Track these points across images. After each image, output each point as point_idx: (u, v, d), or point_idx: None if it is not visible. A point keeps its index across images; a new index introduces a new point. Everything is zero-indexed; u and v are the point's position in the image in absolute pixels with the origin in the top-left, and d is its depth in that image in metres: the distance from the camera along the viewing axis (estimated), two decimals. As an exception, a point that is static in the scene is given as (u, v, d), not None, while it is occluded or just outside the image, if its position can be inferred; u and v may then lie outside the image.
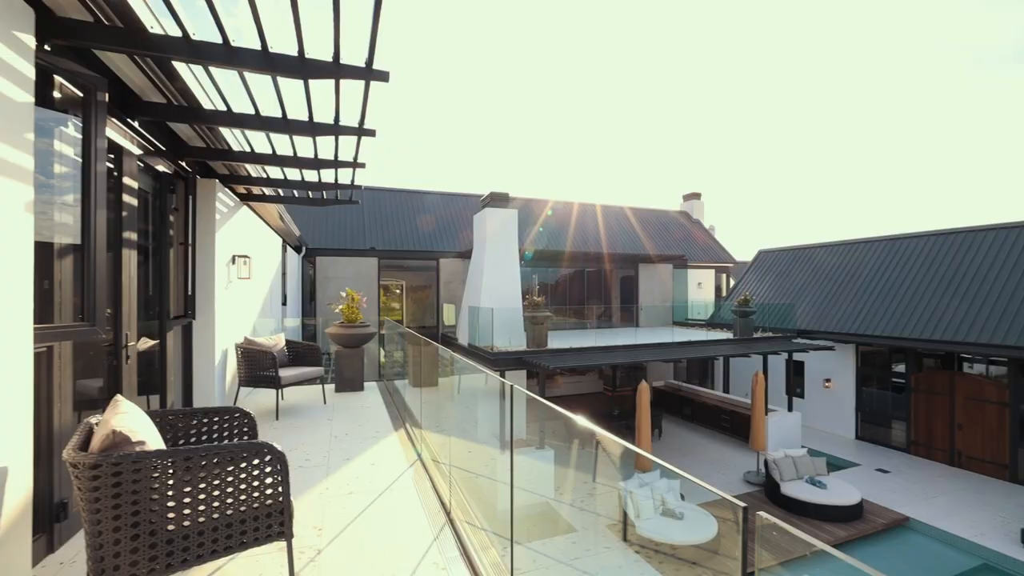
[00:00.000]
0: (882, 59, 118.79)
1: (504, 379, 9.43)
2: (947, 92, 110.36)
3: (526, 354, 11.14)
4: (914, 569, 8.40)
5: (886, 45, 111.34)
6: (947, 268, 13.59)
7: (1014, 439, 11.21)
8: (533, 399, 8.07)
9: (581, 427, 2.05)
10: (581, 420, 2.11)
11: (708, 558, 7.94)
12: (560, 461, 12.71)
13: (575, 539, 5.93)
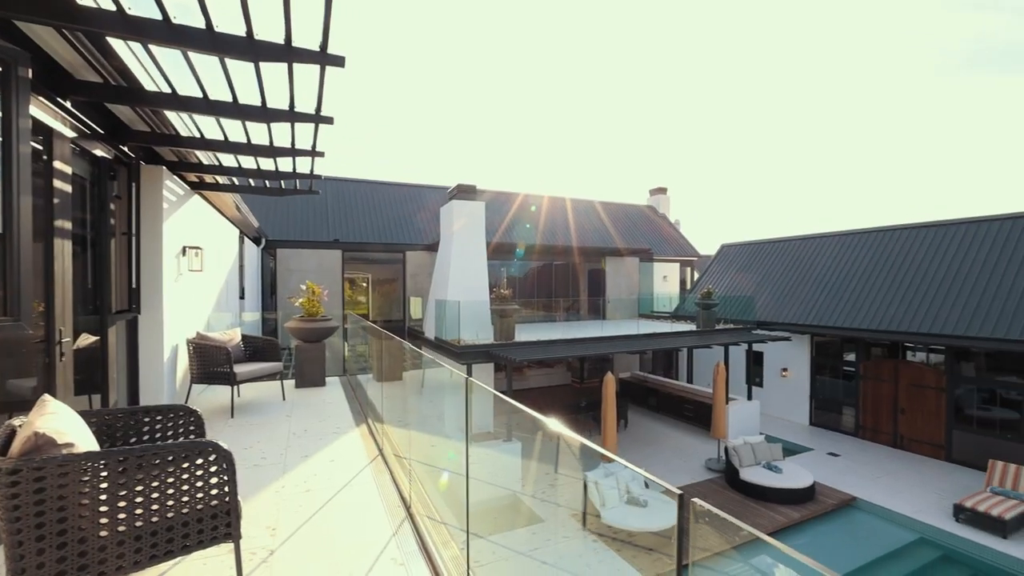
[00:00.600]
0: (845, 60, 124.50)
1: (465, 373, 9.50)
2: (903, 95, 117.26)
3: (493, 347, 11.13)
4: (860, 545, 8.89)
5: (849, 46, 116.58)
6: (892, 263, 14.37)
7: (949, 421, 12.01)
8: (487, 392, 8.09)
9: (535, 419, 2.04)
10: (534, 413, 2.10)
11: (664, 544, 8.19)
12: (527, 453, 12.82)
13: (536, 529, 6.01)
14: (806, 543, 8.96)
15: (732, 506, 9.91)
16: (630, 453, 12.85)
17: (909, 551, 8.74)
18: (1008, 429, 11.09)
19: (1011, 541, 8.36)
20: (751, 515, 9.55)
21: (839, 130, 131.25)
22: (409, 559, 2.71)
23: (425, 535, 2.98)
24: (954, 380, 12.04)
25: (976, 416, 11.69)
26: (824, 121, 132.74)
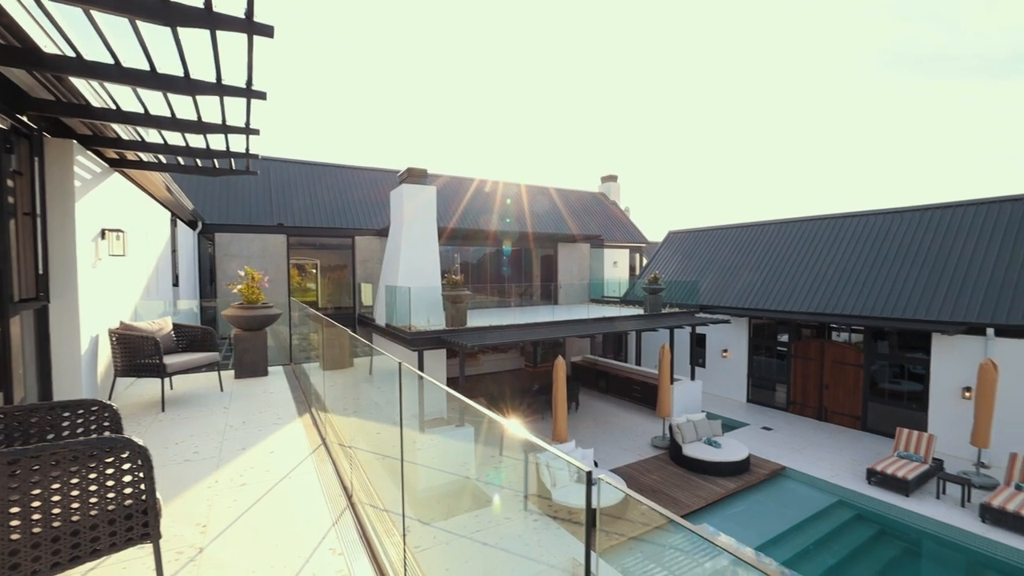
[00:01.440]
0: (787, 58, 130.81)
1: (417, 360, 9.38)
2: (838, 92, 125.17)
3: (445, 333, 11.06)
4: (788, 510, 9.61)
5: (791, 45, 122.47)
6: (821, 249, 15.42)
7: (865, 394, 13.15)
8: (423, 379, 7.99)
9: (468, 404, 2.04)
10: (465, 399, 2.10)
11: (610, 522, 8.54)
12: (480, 438, 12.92)
13: (483, 512, 6.10)
14: (741, 511, 9.59)
15: (675, 480, 10.44)
16: (581, 434, 13.23)
17: (829, 513, 9.56)
18: (913, 400, 12.27)
19: (913, 499, 9.32)
20: (692, 488, 10.10)
21: (780, 122, 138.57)
22: (349, 548, 2.67)
23: (366, 523, 2.94)
24: (870, 357, 13.15)
25: (888, 389, 12.86)
26: (767, 113, 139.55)
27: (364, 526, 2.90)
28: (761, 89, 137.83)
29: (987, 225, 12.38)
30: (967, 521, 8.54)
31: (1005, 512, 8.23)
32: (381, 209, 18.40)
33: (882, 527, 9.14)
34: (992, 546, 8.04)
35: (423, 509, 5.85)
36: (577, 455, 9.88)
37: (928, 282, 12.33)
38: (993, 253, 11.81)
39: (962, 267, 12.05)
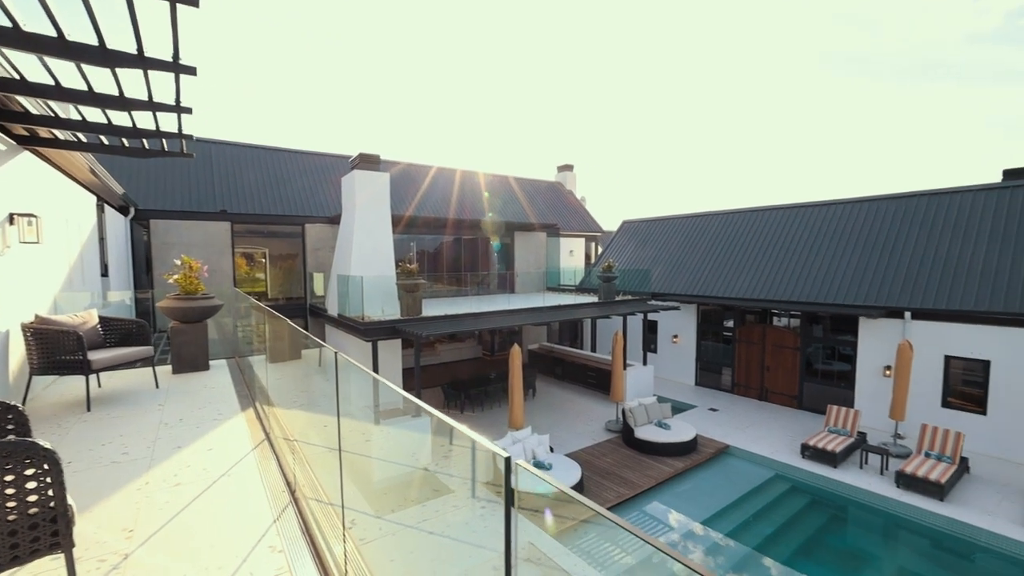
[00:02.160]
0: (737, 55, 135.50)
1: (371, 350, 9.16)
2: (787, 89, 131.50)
3: (400, 323, 10.88)
4: (731, 485, 10.17)
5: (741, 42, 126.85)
6: (764, 239, 16.23)
7: (802, 375, 14.05)
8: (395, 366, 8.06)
9: (407, 398, 2.01)
10: (404, 393, 2.07)
11: (557, 506, 8.76)
12: (437, 428, 12.87)
13: (438, 502, 6.09)
14: (689, 488, 10.06)
15: (627, 462, 10.81)
16: (537, 420, 13.43)
17: (768, 486, 10.20)
18: (843, 379, 13.23)
19: (840, 469, 10.09)
20: (643, 468, 10.49)
21: (729, 115, 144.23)
22: (290, 545, 2.59)
23: (310, 519, 2.86)
24: (806, 340, 14.04)
25: (821, 369, 13.79)
26: (717, 106, 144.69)
27: (307, 521, 2.83)
28: (711, 83, 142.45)
29: (906, 218, 13.40)
30: (885, 487, 9.34)
31: (916, 477, 9.06)
32: (333, 196, 17.75)
33: (814, 497, 9.85)
34: (905, 508, 8.84)
35: (379, 501, 5.77)
36: (533, 441, 10.04)
37: (856, 270, 13.25)
38: (911, 243, 12.82)
39: (885, 256, 13.01)
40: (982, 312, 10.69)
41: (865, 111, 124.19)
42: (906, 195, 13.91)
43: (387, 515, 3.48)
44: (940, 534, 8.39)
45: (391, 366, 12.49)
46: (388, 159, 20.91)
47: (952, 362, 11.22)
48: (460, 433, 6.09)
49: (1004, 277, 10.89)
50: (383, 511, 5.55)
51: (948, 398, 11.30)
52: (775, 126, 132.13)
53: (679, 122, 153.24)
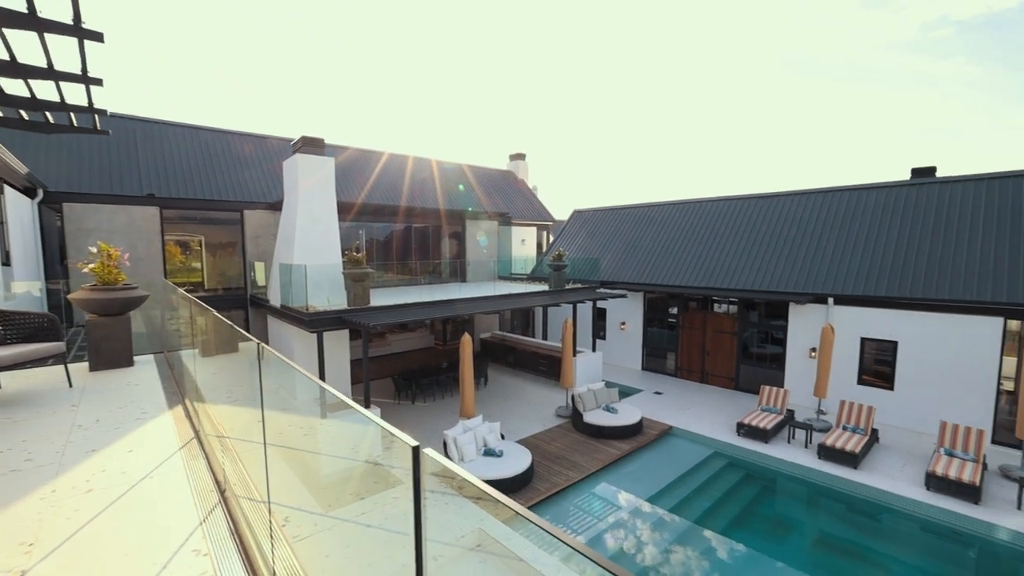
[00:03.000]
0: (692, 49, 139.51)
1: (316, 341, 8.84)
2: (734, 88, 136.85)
3: (347, 313, 10.56)
4: (674, 464, 10.67)
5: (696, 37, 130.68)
6: (706, 229, 16.97)
7: (739, 358, 14.91)
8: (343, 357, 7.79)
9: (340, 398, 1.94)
10: (332, 390, 1.99)
11: (516, 488, 8.91)
12: (388, 418, 12.68)
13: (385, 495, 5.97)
14: (635, 468, 10.47)
15: (576, 446, 11.10)
16: (489, 408, 13.51)
17: (707, 463, 10.78)
18: (774, 361, 14.16)
19: (770, 445, 10.83)
20: (592, 452, 10.80)
21: (678, 109, 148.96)
22: (217, 546, 2.46)
23: (240, 518, 2.73)
24: (743, 325, 14.88)
25: (755, 352, 14.69)
26: (665, 98, 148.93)
27: (236, 521, 2.69)
28: (660, 76, 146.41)
29: (830, 211, 14.41)
30: (809, 459, 10.12)
31: (834, 449, 9.88)
32: (274, 181, 16.86)
33: (747, 471, 10.52)
34: (825, 477, 9.63)
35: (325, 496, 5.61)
36: (484, 429, 10.08)
37: (788, 259, 14.14)
38: (834, 235, 13.82)
39: (812, 246, 13.97)
40: (892, 298, 11.71)
41: (802, 109, 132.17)
42: (830, 190, 14.95)
43: (325, 510, 3.37)
44: (854, 498, 9.21)
45: (338, 357, 12.13)
46: (338, 144, 20.11)
47: (867, 343, 12.26)
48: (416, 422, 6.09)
49: (911, 266, 11.97)
50: (333, 506, 5.39)
51: (863, 376, 12.35)
52: (720, 120, 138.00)
53: (630, 113, 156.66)
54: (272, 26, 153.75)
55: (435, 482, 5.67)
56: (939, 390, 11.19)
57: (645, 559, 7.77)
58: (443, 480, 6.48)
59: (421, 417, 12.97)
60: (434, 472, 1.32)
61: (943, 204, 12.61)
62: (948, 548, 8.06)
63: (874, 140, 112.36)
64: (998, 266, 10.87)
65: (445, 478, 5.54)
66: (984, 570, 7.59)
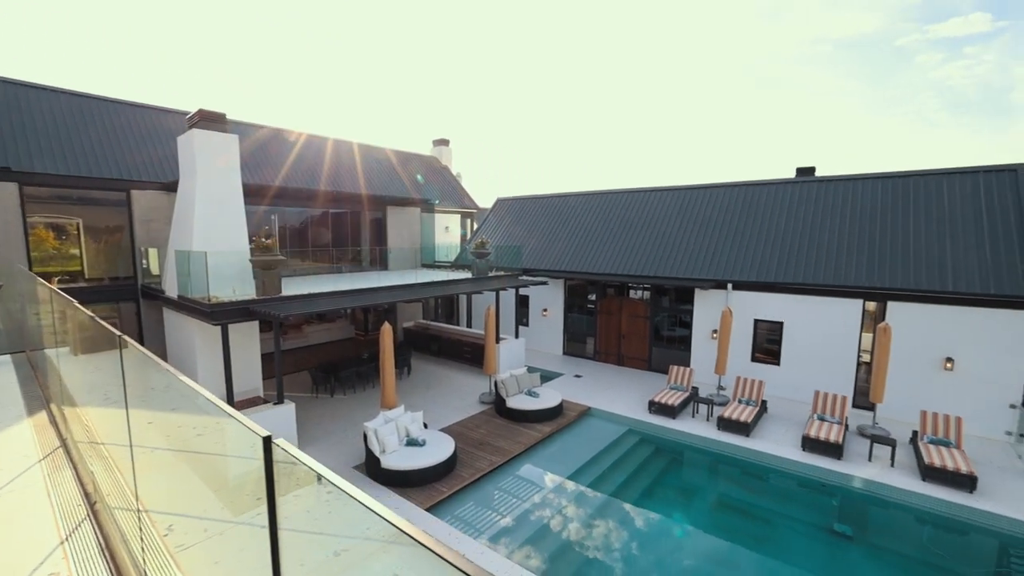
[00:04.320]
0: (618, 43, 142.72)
1: (220, 335, 8.22)
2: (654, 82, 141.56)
3: (255, 303, 9.87)
4: (592, 443, 11.22)
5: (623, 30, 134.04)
6: (622, 218, 17.83)
7: (651, 341, 15.95)
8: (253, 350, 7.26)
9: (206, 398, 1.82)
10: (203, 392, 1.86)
11: (438, 477, 8.89)
12: (304, 413, 12.10)
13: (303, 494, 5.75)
14: (556, 449, 10.88)
15: (500, 431, 11.31)
16: (412, 398, 13.35)
17: (622, 440, 11.47)
18: (682, 342, 15.32)
19: (677, 420, 11.76)
20: (514, 436, 11.06)
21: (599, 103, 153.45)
22: (82, 566, 2.22)
23: (112, 532, 2.48)
24: (655, 310, 15.91)
25: (666, 335, 15.79)
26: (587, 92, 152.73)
27: (108, 536, 2.45)
28: (584, 67, 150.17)
29: (731, 203, 15.75)
30: (710, 431, 11.12)
31: (731, 420, 10.95)
32: (170, 159, 15.16)
33: (657, 446, 11.35)
34: (723, 446, 10.66)
35: (223, 499, 5.24)
36: (406, 419, 9.95)
37: (694, 247, 15.28)
38: (734, 225, 15.14)
39: (715, 236, 15.20)
40: (780, 283, 13.10)
41: (707, 109, 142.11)
42: (729, 185, 16.31)
43: (222, 514, 3.15)
44: (746, 463, 10.29)
45: (247, 351, 11.33)
46: (251, 123, 18.53)
47: (759, 324, 13.63)
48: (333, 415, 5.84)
49: (795, 255, 13.44)
50: (234, 510, 5.06)
51: (756, 354, 13.74)
52: (634, 117, 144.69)
53: (553, 104, 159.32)
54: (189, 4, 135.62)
55: (352, 473, 5.58)
56: (814, 364, 12.75)
57: (567, 533, 8.16)
58: (358, 469, 6.36)
59: (341, 410, 12.52)
60: (283, 461, 1.29)
61: (820, 200, 14.24)
62: (817, 499, 9.28)
63: (765, 140, 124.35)
64: (860, 255, 12.52)
65: (360, 471, 5.40)
66: (844, 514, 8.84)
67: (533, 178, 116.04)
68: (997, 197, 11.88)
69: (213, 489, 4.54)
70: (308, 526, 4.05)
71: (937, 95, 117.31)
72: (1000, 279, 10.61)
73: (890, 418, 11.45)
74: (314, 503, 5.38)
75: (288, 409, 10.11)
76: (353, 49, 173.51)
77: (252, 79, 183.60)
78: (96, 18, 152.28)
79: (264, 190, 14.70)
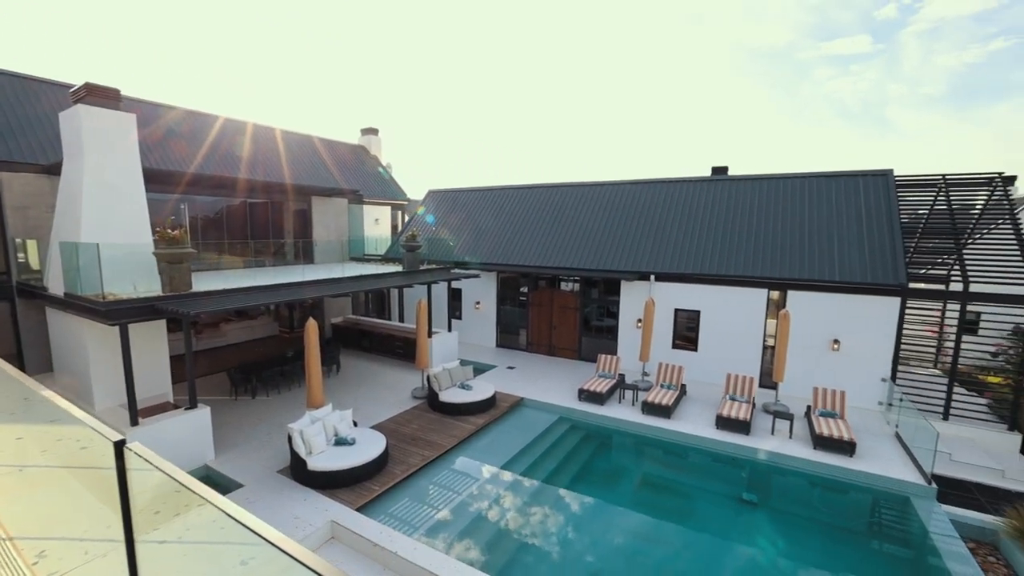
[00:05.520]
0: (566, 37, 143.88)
1: (119, 335, 7.44)
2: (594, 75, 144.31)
3: (161, 300, 9.01)
4: (525, 432, 11.46)
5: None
6: (553, 212, 18.24)
7: (581, 331, 16.53)
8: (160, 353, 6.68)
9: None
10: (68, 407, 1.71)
11: (368, 476, 8.64)
12: (223, 417, 11.26)
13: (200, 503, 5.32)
14: (489, 441, 10.98)
15: (432, 425, 11.22)
16: (343, 396, 12.87)
17: (553, 428, 11.82)
18: (609, 332, 16.04)
19: (605, 406, 12.32)
20: (448, 429, 11.02)
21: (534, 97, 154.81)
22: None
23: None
24: (584, 301, 16.49)
25: (595, 325, 16.44)
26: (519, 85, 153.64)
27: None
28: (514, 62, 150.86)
29: (654, 199, 16.66)
30: (635, 415, 11.76)
31: (654, 404, 11.66)
32: (51, 137, 13.33)
33: (587, 431, 11.82)
34: (647, 429, 11.32)
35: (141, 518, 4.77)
36: (334, 418, 9.59)
37: (621, 241, 15.99)
38: (656, 220, 16.03)
39: (639, 230, 16.01)
40: (697, 274, 14.08)
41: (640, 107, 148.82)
42: (652, 182, 17.24)
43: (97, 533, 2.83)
44: (668, 444, 11.01)
45: (152, 353, 10.34)
46: (159, 103, 16.75)
47: (679, 313, 14.57)
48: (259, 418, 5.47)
49: (711, 247, 14.50)
50: (142, 530, 4.60)
51: (676, 341, 14.70)
52: (572, 111, 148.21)
53: (485, 96, 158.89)
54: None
55: (276, 478, 5.30)
56: (727, 349, 13.88)
57: (503, 522, 8.29)
58: (283, 472, 6.07)
59: (264, 413, 11.81)
60: (139, 468, 1.22)
61: (733, 197, 15.45)
62: (729, 472, 10.16)
63: (684, 139, 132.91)
64: (766, 248, 13.76)
65: (285, 474, 5.15)
66: (751, 484, 9.74)
67: (465, 171, 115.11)
68: (873, 198, 13.54)
69: (102, 505, 4.12)
70: (213, 535, 3.75)
71: (829, 105, 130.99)
72: (875, 270, 12.13)
73: (790, 395, 12.75)
74: (217, 512, 5.04)
75: (202, 414, 9.37)
76: (280, 33, 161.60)
77: (169, 59, 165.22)
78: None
79: (174, 177, 13.42)
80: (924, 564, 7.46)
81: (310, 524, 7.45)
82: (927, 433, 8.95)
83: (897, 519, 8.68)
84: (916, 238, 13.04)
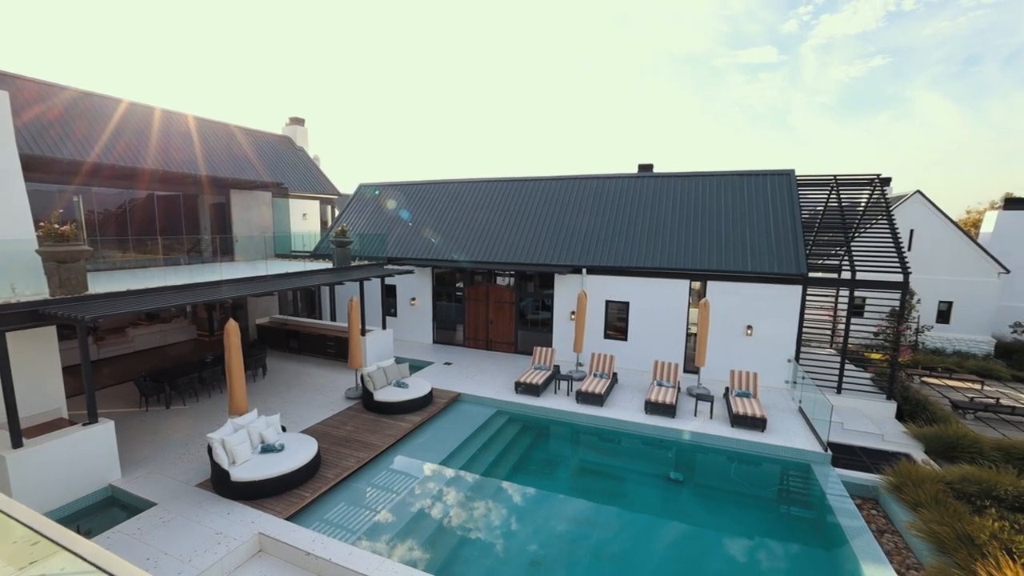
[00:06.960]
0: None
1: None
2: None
3: (48, 304, 8.03)
4: (463, 427, 11.46)
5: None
6: (487, 206, 18.29)
7: (517, 325, 16.76)
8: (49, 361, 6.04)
9: None
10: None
11: (301, 483, 8.27)
12: (131, 430, 10.26)
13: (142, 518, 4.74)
14: (427, 438, 10.87)
15: (368, 425, 10.92)
16: (270, 400, 12.19)
17: (491, 422, 11.92)
18: (544, 325, 16.40)
19: (541, 398, 12.60)
20: (383, 429, 10.78)
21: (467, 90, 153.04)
22: None
23: None
24: (520, 295, 16.72)
25: (530, 319, 16.73)
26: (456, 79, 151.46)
27: None
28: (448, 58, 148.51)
29: (585, 194, 17.19)
30: (570, 405, 12.13)
31: (588, 393, 12.10)
32: None
33: (524, 423, 12.03)
34: (582, 418, 11.72)
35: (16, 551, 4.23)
36: (260, 424, 9.06)
37: (554, 235, 16.37)
38: (587, 215, 16.57)
39: (572, 225, 16.46)
40: (626, 267, 14.74)
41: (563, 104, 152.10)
42: (583, 177, 17.77)
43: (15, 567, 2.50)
44: (601, 430, 11.48)
45: (40, 364, 9.20)
46: (46, 81, 14.70)
47: (610, 304, 15.19)
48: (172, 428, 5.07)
49: (638, 241, 15.22)
50: (15, 563, 4.10)
51: (607, 331, 15.32)
52: (507, 108, 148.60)
53: (418, 89, 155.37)
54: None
55: (195, 492, 4.97)
56: (654, 337, 14.67)
57: (444, 518, 8.25)
58: (203, 486, 5.69)
59: (180, 423, 10.90)
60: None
61: (657, 193, 16.29)
62: (658, 453, 10.77)
63: (613, 137, 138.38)
64: (688, 241, 14.67)
65: (206, 487, 4.83)
66: (677, 464, 10.41)
67: (397, 165, 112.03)
68: (778, 195, 14.84)
69: None
70: (131, 554, 3.46)
71: (741, 110, 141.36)
72: (782, 261, 13.33)
73: (711, 378, 13.72)
74: (146, 525, 4.64)
75: (104, 429, 8.49)
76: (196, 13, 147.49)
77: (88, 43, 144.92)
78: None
79: (65, 165, 11.96)
80: (822, 522, 8.37)
81: (234, 539, 7.00)
82: (824, 406, 10.02)
83: (800, 484, 9.65)
84: (814, 232, 14.49)
